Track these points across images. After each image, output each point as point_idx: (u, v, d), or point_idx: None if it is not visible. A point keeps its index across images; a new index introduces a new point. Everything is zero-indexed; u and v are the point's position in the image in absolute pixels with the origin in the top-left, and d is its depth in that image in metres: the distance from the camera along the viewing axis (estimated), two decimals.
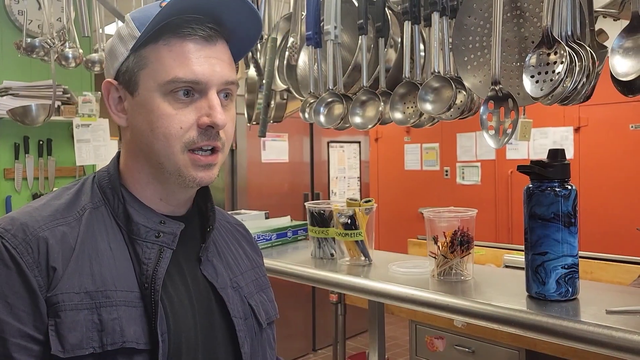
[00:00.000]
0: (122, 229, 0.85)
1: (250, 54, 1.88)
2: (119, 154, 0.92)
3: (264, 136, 1.86)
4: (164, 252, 0.84)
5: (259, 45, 1.88)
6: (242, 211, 2.13)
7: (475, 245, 2.99)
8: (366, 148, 4.84)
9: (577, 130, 4.34)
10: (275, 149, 4.13)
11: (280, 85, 1.79)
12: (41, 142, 3.43)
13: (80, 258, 0.79)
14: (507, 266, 2.57)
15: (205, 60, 0.82)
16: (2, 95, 3.06)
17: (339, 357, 3.25)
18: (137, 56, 0.83)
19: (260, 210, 2.12)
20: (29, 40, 2.13)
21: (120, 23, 2.71)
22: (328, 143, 4.51)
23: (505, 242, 3.76)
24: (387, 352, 4.15)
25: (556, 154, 1.11)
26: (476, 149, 4.96)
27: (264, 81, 1.81)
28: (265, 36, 1.86)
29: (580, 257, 2.35)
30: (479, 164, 4.96)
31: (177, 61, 0.81)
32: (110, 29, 2.83)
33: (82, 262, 0.79)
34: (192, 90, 0.82)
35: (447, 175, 5.19)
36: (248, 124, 2.06)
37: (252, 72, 1.94)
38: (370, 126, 1.37)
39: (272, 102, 1.88)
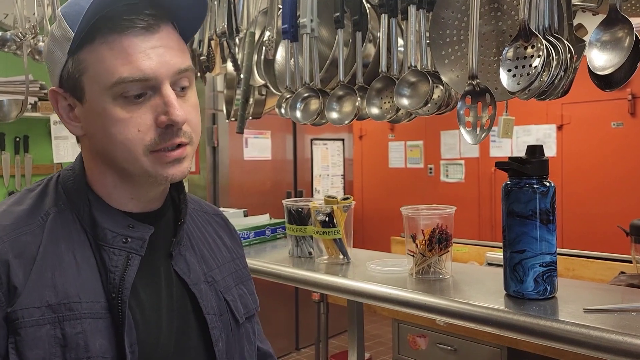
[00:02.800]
0: (88, 234, 0.80)
1: (227, 49, 1.84)
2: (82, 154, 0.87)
3: (242, 132, 1.83)
4: (131, 259, 0.79)
5: (237, 40, 1.85)
6: (221, 209, 2.09)
7: (458, 243, 2.99)
8: (350, 146, 4.82)
9: (559, 128, 4.36)
10: (258, 147, 4.10)
11: (258, 80, 1.75)
12: (17, 139, 3.37)
13: (42, 269, 0.75)
14: (489, 264, 2.56)
15: (152, 52, 0.75)
16: None
17: (321, 356, 3.23)
18: (75, 60, 0.76)
19: (242, 208, 2.08)
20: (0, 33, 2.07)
21: None
22: (311, 140, 4.49)
23: (488, 240, 3.76)
24: (370, 350, 4.16)
25: (534, 151, 1.09)
26: (460, 146, 4.96)
27: (241, 76, 1.77)
28: (244, 31, 1.83)
29: (562, 254, 2.35)
30: (462, 161, 4.97)
31: (119, 60, 0.74)
32: None
33: (44, 273, 0.74)
34: (144, 89, 0.75)
35: (431, 172, 5.19)
36: (227, 120, 2.03)
37: (230, 67, 1.90)
38: (347, 122, 1.34)
39: (251, 98, 1.85)
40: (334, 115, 1.36)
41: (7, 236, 0.76)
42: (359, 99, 1.31)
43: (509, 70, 0.98)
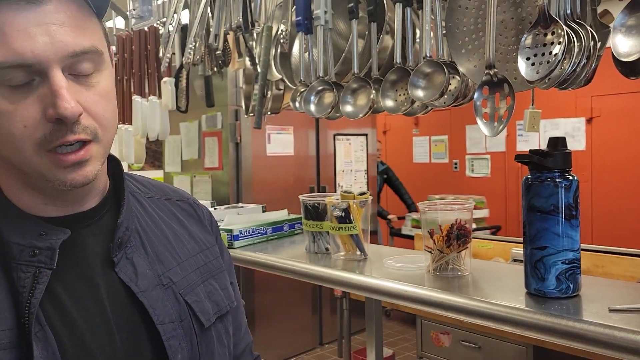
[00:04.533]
0: None
1: (244, 43, 1.83)
2: None
3: (259, 127, 1.81)
4: (40, 276, 0.66)
5: (254, 34, 1.83)
6: (240, 205, 2.08)
7: (483, 239, 2.93)
8: (373, 141, 4.78)
9: (589, 121, 4.24)
10: (281, 142, 4.08)
11: (275, 75, 1.74)
12: None
13: None
14: (515, 260, 2.51)
15: (35, 31, 0.60)
16: None
17: (344, 352, 3.21)
18: None
19: (265, 204, 2.07)
20: None
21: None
22: (334, 136, 4.46)
23: (514, 236, 3.69)
24: (393, 347, 4.12)
25: (557, 143, 1.04)
26: (486, 141, 4.88)
27: (259, 71, 1.76)
28: (261, 25, 1.81)
29: (591, 250, 2.28)
30: (488, 156, 4.88)
31: None
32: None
33: None
34: (28, 74, 0.62)
35: (456, 167, 5.12)
36: (246, 116, 2.02)
37: (249, 62, 1.89)
38: (361, 115, 1.31)
39: (269, 93, 1.83)
40: (349, 108, 1.33)
41: None
42: (373, 91, 1.28)
43: (528, 59, 0.93)
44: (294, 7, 1.53)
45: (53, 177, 0.66)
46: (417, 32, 1.26)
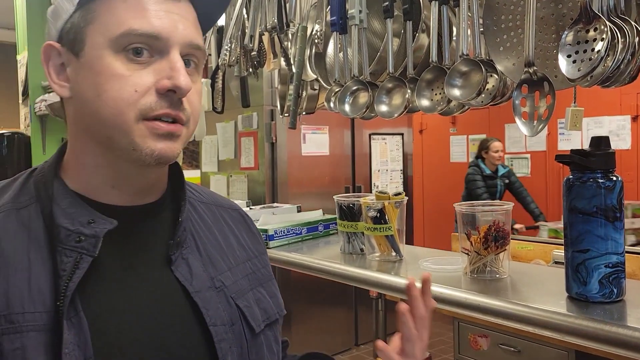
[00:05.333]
0: (48, 232, 0.70)
1: (279, 44, 1.84)
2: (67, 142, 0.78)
3: (294, 128, 1.81)
4: (81, 261, 0.68)
5: (289, 34, 1.84)
6: (275, 205, 2.09)
7: (523, 240, 2.86)
8: (409, 140, 4.73)
9: (634, 119, 4.10)
10: (316, 142, 4.09)
11: (310, 75, 1.74)
12: None
13: None
14: (556, 262, 2.44)
15: (166, 15, 0.69)
16: (49, 92, 3.14)
17: None
18: (84, 10, 0.70)
19: (300, 204, 2.07)
20: None
21: None
22: (370, 135, 4.43)
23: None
24: (430, 348, 4.06)
25: (599, 142, 1.01)
26: (526, 139, 4.77)
27: (294, 71, 1.76)
28: (296, 25, 1.81)
29: (637, 253, 2.19)
30: (528, 155, 4.78)
31: (131, 12, 0.68)
32: None
33: None
34: (150, 50, 0.69)
35: None
36: (281, 116, 2.02)
37: (284, 62, 1.90)
38: (396, 115, 1.29)
39: (304, 93, 1.83)
40: (383, 108, 1.32)
41: None
42: (409, 91, 1.26)
43: (569, 56, 0.90)
44: (329, 7, 1.53)
45: (144, 145, 0.69)
46: (454, 30, 1.24)
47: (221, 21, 2.03)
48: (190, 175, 3.51)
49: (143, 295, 0.72)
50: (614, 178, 1.00)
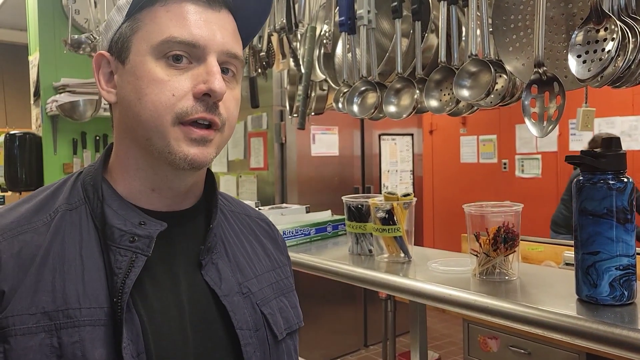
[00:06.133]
0: (99, 232, 0.74)
1: (288, 44, 1.84)
2: (112, 145, 0.83)
3: (303, 128, 1.81)
4: (136, 260, 0.72)
5: (298, 34, 1.84)
6: (284, 205, 2.09)
7: (533, 242, 2.84)
8: (419, 141, 4.71)
9: None
10: (325, 142, 4.09)
11: (319, 75, 1.73)
12: (97, 138, 3.53)
13: (41, 271, 0.69)
14: (567, 264, 2.42)
15: (205, 25, 0.74)
16: (60, 92, 3.17)
17: (388, 354, 3.18)
18: (131, 20, 0.75)
19: (310, 204, 2.07)
20: (75, 36, 2.17)
21: None
22: (379, 136, 4.42)
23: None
24: (440, 350, 4.06)
25: (610, 143, 1.00)
26: (536, 140, 4.73)
27: (302, 72, 1.76)
28: (305, 26, 1.81)
29: None
30: (539, 156, 4.74)
31: (173, 21, 0.73)
32: None
33: (43, 276, 0.69)
34: (189, 57, 0.73)
35: (505, 168, 4.99)
36: (289, 116, 2.02)
37: (292, 62, 1.90)
38: (404, 115, 1.28)
39: (313, 94, 1.83)
40: (392, 108, 1.32)
41: (5, 235, 0.71)
42: (417, 91, 1.26)
43: (579, 56, 0.89)
44: (337, 7, 1.53)
45: (178, 149, 0.73)
46: (463, 30, 1.23)
47: None
48: None
49: (179, 297, 0.76)
50: (625, 179, 0.99)
